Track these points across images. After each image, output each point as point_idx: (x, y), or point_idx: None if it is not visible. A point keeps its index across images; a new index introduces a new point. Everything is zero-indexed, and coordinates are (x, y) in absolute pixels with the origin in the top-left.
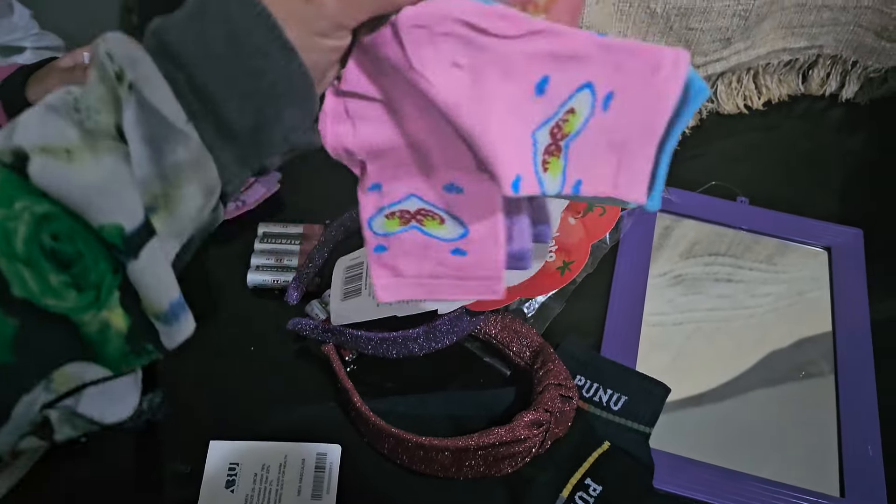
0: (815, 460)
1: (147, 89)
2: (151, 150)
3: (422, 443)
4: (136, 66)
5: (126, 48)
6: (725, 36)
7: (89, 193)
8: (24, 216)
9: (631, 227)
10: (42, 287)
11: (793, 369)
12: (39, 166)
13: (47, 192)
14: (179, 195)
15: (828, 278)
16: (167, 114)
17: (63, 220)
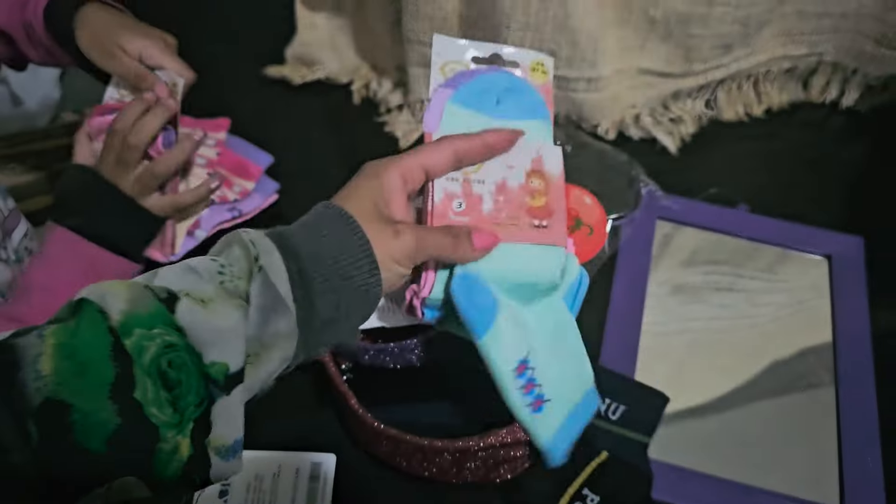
0: (814, 471)
1: (272, 272)
2: (261, 318)
3: (421, 444)
4: (269, 255)
5: (262, 240)
6: (726, 43)
7: (214, 334)
8: (157, 340)
9: (630, 235)
10: (154, 397)
11: (794, 379)
12: (185, 307)
13: (185, 327)
14: (267, 358)
15: (828, 287)
16: (282, 293)
17: (181, 353)
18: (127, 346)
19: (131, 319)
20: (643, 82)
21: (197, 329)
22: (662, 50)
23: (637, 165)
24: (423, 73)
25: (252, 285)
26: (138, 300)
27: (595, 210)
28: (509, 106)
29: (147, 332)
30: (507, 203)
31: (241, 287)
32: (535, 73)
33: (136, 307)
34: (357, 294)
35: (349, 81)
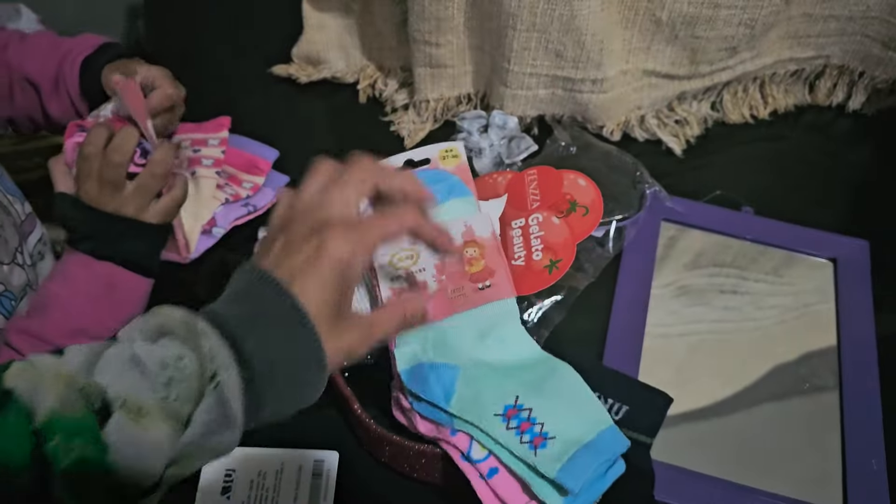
0: (818, 474)
1: (228, 389)
2: (206, 431)
3: (423, 450)
4: (227, 370)
5: (221, 352)
6: (731, 45)
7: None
8: (73, 453)
9: (634, 236)
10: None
11: (798, 382)
12: (116, 424)
13: (110, 445)
14: (200, 461)
15: (833, 290)
16: (234, 410)
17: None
18: (46, 450)
19: (56, 423)
20: (648, 84)
21: (121, 447)
22: (668, 51)
23: (642, 167)
24: (429, 73)
25: (203, 402)
26: (68, 402)
27: (590, 190)
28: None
29: (67, 441)
30: (450, 279)
31: (184, 411)
32: (445, 161)
33: (64, 408)
34: (301, 393)
35: (355, 81)
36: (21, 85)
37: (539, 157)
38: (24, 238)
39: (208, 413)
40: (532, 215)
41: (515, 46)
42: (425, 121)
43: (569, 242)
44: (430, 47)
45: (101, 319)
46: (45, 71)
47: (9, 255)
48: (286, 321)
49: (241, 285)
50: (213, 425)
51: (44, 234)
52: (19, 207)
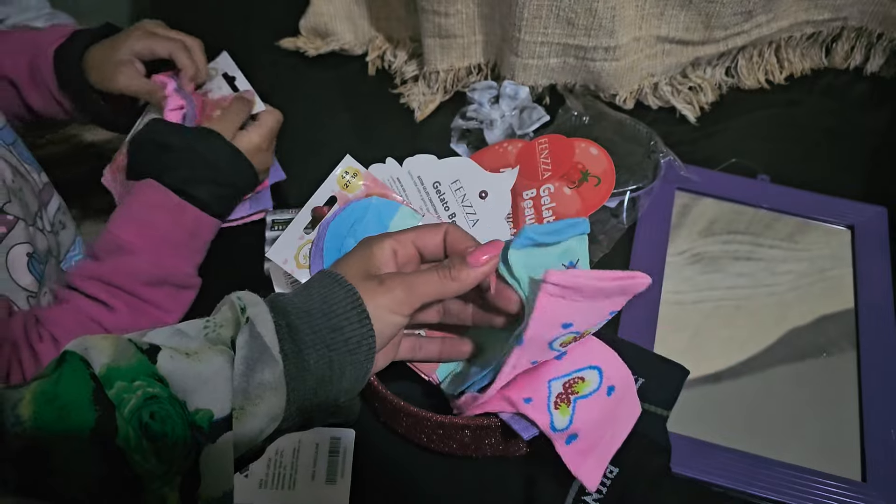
0: (835, 443)
1: (258, 322)
2: (247, 368)
3: (442, 421)
4: (255, 306)
5: (249, 295)
6: (747, 9)
7: (197, 381)
8: (138, 392)
9: (648, 206)
10: (137, 444)
11: (814, 348)
12: (167, 356)
13: (166, 377)
14: (253, 412)
15: (850, 257)
16: (268, 342)
17: (164, 405)
18: (110, 396)
19: (113, 371)
20: (662, 50)
21: (179, 377)
22: (682, 17)
23: (655, 136)
24: (439, 43)
25: (239, 336)
26: (120, 353)
27: (602, 160)
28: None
29: (128, 384)
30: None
31: (224, 334)
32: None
33: (117, 360)
34: (349, 347)
35: (364, 53)
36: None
37: (551, 127)
38: (43, 205)
39: (243, 347)
40: (543, 186)
41: (526, 15)
42: (435, 92)
43: (581, 214)
44: (439, 17)
45: (180, 266)
46: (18, 66)
47: (31, 218)
48: (317, 280)
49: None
50: (250, 360)
51: (62, 204)
52: (36, 177)
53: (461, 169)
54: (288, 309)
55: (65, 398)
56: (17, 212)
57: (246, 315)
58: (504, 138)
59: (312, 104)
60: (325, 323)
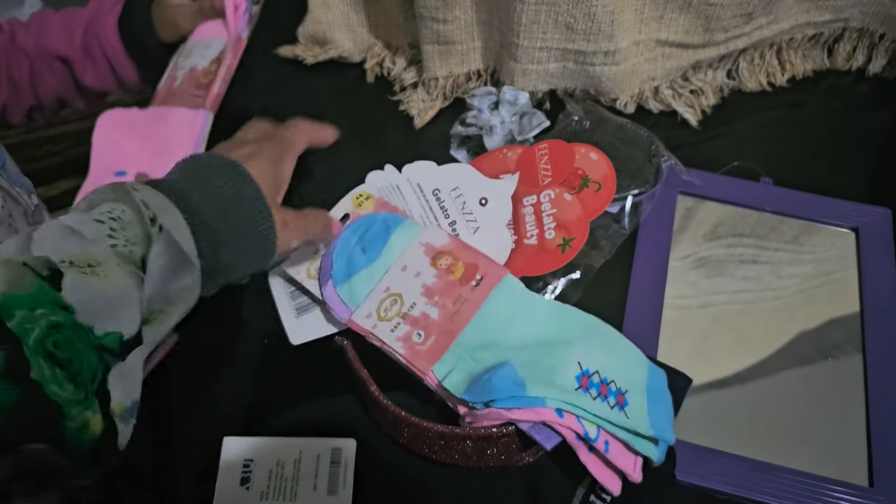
0: (842, 448)
1: (174, 230)
2: (165, 276)
3: (443, 432)
4: (166, 213)
5: (155, 198)
6: (747, 11)
7: (105, 306)
8: (41, 321)
9: (651, 211)
10: (51, 374)
11: (820, 352)
12: (72, 280)
13: (73, 304)
14: (172, 311)
15: (855, 258)
16: (186, 250)
17: (66, 331)
18: (12, 328)
19: (11, 301)
20: (662, 54)
21: (86, 304)
22: (681, 20)
23: (657, 140)
24: (437, 50)
25: (153, 248)
26: (17, 280)
27: (602, 165)
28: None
29: (29, 313)
30: (443, 296)
31: (137, 252)
32: (362, 206)
33: (15, 288)
34: (256, 240)
35: (362, 60)
36: (48, 64)
37: (552, 132)
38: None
39: (161, 257)
40: (544, 192)
41: (524, 20)
42: (435, 99)
43: (582, 220)
44: (437, 23)
45: None
46: (71, 43)
47: None
48: (226, 171)
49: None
50: (168, 270)
51: None
52: (27, 198)
53: (461, 176)
54: (201, 211)
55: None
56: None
57: (158, 223)
58: (504, 144)
59: (311, 112)
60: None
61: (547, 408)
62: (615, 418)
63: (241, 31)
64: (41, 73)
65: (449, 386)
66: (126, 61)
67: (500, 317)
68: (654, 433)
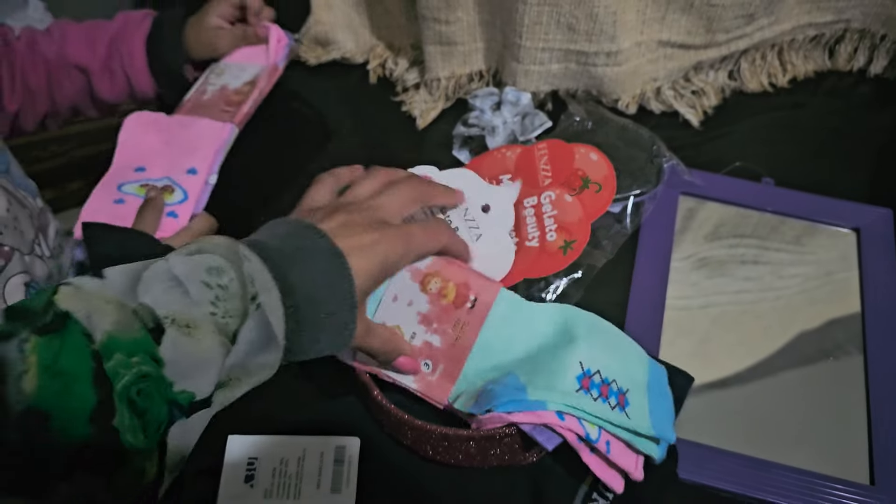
0: (843, 447)
1: (269, 311)
2: (250, 350)
3: (446, 433)
4: (269, 293)
5: (262, 275)
6: (748, 12)
7: (192, 368)
8: (133, 369)
9: (652, 211)
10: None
11: (821, 352)
12: (171, 339)
13: (165, 360)
14: (247, 383)
15: (856, 259)
16: (276, 332)
17: (151, 382)
18: (107, 369)
19: (114, 343)
20: (664, 55)
21: (177, 363)
22: (683, 21)
23: (658, 140)
24: (440, 51)
25: (246, 323)
26: (124, 324)
27: (602, 166)
28: None
29: (126, 358)
30: (441, 322)
31: (232, 326)
32: None
33: (120, 331)
34: (336, 330)
35: (365, 61)
36: (67, 72)
37: (554, 132)
38: (41, 230)
39: (251, 332)
40: (544, 193)
41: (526, 21)
42: (437, 99)
43: (583, 222)
44: (439, 24)
45: None
46: (94, 54)
47: (27, 247)
48: (330, 261)
49: (284, 229)
50: (255, 345)
51: (59, 228)
52: (32, 201)
53: (463, 181)
54: (295, 291)
55: (68, 374)
56: (12, 242)
57: (257, 302)
58: (506, 144)
59: (314, 113)
60: (324, 309)
61: (548, 410)
62: (616, 419)
63: (280, 62)
64: (59, 81)
65: (459, 406)
66: (147, 78)
67: (502, 336)
68: (655, 433)
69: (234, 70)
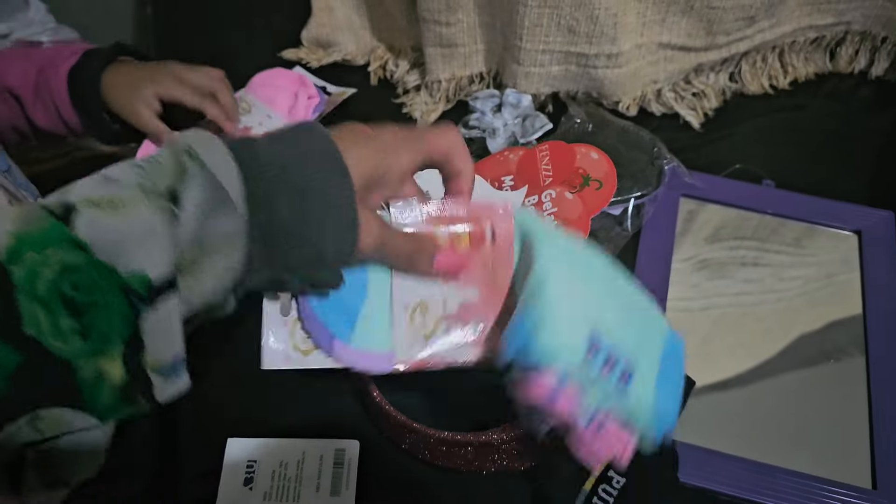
0: (845, 450)
1: (211, 161)
2: (199, 214)
3: (444, 438)
4: (208, 147)
5: (196, 133)
6: (749, 14)
7: (126, 240)
8: (53, 263)
9: (653, 213)
10: (51, 328)
11: (822, 354)
12: (86, 218)
13: (87, 240)
14: (207, 264)
15: (858, 261)
16: (224, 183)
17: (87, 272)
18: (14, 273)
19: (23, 240)
20: (664, 57)
21: (101, 238)
22: (684, 23)
23: (659, 142)
24: (440, 53)
25: (186, 180)
26: (30, 220)
27: (603, 163)
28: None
29: (39, 254)
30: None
31: (162, 184)
32: None
33: (26, 227)
34: (326, 202)
35: (366, 63)
36: (3, 96)
37: (554, 135)
38: None
39: (194, 190)
40: (545, 192)
41: (527, 23)
42: (438, 101)
43: (583, 217)
44: (440, 26)
45: None
46: (25, 81)
47: None
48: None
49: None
50: (205, 209)
51: None
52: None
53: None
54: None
55: None
56: None
57: (193, 152)
58: (507, 146)
59: None
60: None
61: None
62: (615, 397)
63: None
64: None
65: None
66: (71, 112)
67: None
68: (655, 417)
69: (260, 111)
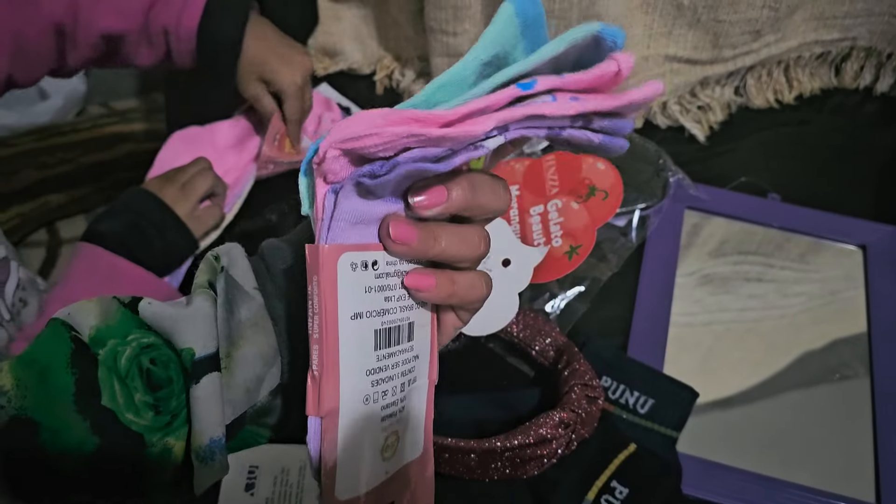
0: (849, 465)
1: (232, 264)
2: (226, 312)
3: (447, 445)
4: (230, 253)
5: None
6: (755, 28)
7: (177, 321)
8: (133, 344)
9: (658, 225)
10: (128, 401)
11: (826, 371)
12: (146, 303)
13: (149, 322)
14: (239, 356)
15: (863, 277)
16: (240, 280)
17: (162, 350)
18: (100, 354)
19: (103, 332)
20: (670, 69)
21: (158, 319)
22: (690, 36)
23: (665, 154)
24: (447, 62)
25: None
26: (107, 311)
27: (609, 174)
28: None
29: (121, 340)
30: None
31: (201, 279)
32: None
33: (106, 318)
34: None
35: (372, 72)
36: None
37: None
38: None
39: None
40: (551, 201)
41: None
42: None
43: (589, 227)
44: (446, 36)
45: None
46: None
47: None
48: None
49: None
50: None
51: (21, 280)
52: None
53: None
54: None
55: (43, 361)
56: None
57: (220, 263)
58: (513, 156)
59: None
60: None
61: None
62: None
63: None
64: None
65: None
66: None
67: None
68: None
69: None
